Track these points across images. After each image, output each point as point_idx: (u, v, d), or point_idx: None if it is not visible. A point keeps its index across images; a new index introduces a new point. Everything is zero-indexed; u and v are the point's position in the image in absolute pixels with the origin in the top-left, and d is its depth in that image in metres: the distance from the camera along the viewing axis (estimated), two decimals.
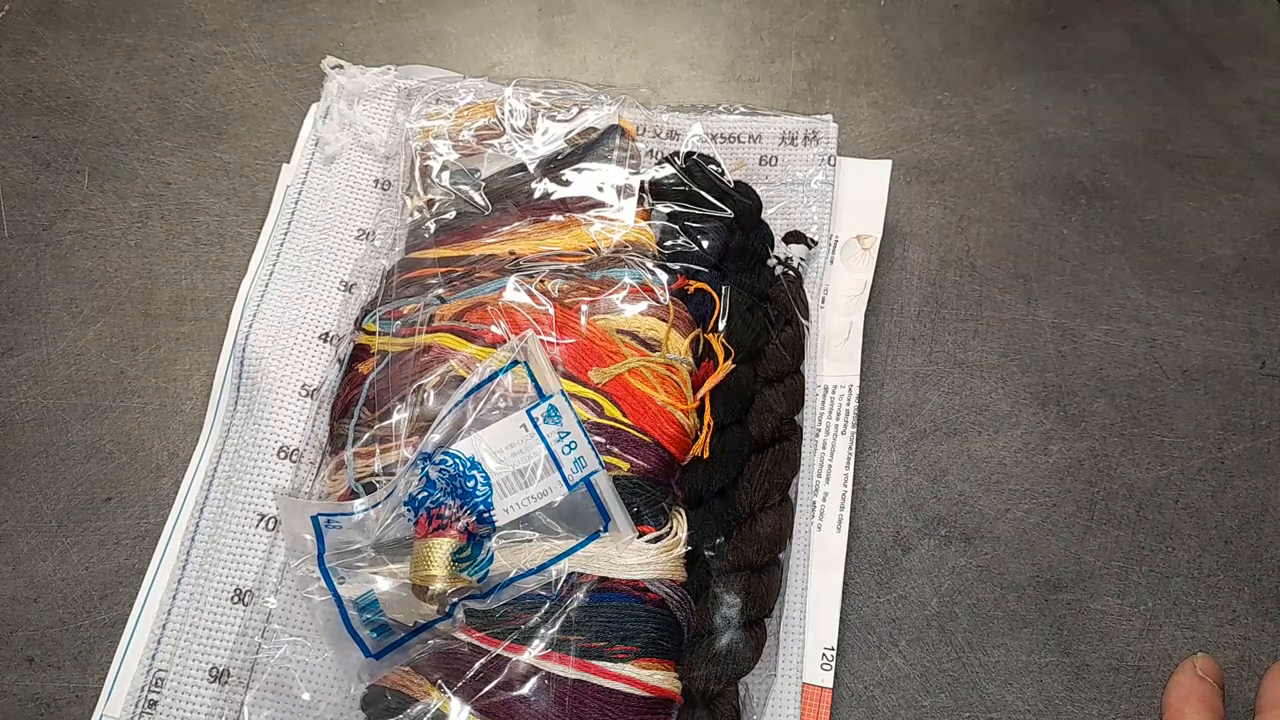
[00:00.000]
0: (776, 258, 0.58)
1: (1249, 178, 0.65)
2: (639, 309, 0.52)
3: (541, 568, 0.46)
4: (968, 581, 0.53)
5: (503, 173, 0.59)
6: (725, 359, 0.53)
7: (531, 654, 0.44)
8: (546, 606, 0.45)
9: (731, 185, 0.58)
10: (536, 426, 0.48)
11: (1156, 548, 0.53)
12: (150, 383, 0.58)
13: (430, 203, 0.58)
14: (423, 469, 0.47)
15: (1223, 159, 0.66)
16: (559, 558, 0.46)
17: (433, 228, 0.57)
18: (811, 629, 0.50)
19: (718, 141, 0.62)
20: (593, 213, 0.57)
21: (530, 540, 0.47)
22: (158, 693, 0.48)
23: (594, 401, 0.50)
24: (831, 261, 0.60)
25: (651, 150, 0.61)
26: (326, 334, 0.56)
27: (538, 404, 0.48)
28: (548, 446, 0.47)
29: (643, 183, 0.58)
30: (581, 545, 0.47)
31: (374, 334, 0.53)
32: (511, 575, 0.46)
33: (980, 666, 0.50)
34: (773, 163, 0.62)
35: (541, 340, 0.50)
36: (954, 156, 0.66)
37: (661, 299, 0.53)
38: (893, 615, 0.52)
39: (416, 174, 0.59)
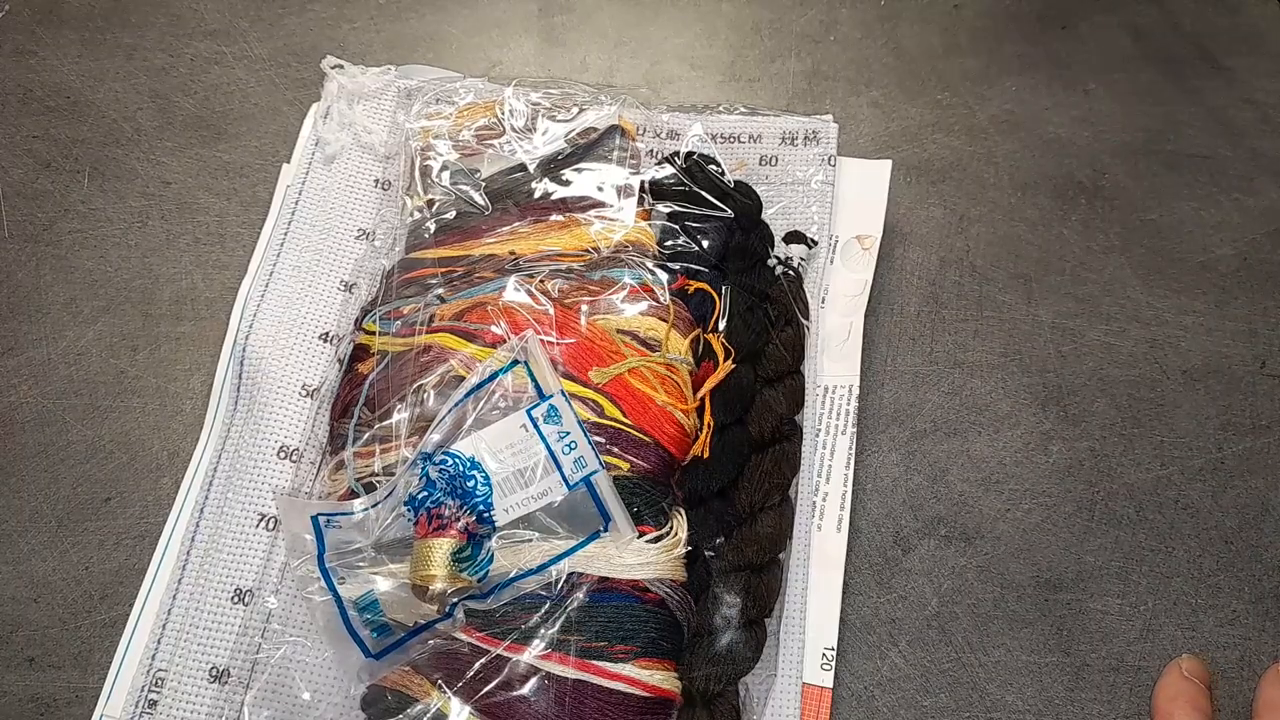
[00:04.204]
0: (776, 258, 0.58)
1: (1249, 178, 0.65)
2: (639, 309, 0.52)
3: (541, 568, 0.46)
4: (968, 581, 0.53)
5: (503, 173, 0.59)
6: (725, 359, 0.53)
7: (531, 654, 0.44)
8: (546, 606, 0.45)
9: (731, 185, 0.58)
10: (536, 426, 0.48)
11: (1156, 548, 0.53)
12: (150, 383, 0.58)
13: (430, 203, 0.58)
14: (423, 469, 0.47)
15: (1223, 159, 0.66)
16: (559, 558, 0.46)
17: (433, 228, 0.57)
18: (811, 629, 0.50)
19: (718, 141, 0.62)
20: (593, 213, 0.57)
21: (530, 540, 0.47)
22: (158, 693, 0.48)
23: (594, 401, 0.50)
24: (831, 261, 0.60)
25: (651, 150, 0.61)
26: (326, 334, 0.56)
27: (538, 404, 0.48)
28: (548, 446, 0.47)
29: (643, 183, 0.58)
30: (581, 545, 0.47)
31: (374, 334, 0.53)
32: (511, 575, 0.46)
33: (980, 666, 0.50)
34: (773, 163, 0.62)
35: (541, 340, 0.50)
36: (954, 156, 0.66)
37: (661, 299, 0.53)
38: (893, 615, 0.52)
39: (416, 174, 0.59)
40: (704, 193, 0.58)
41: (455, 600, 0.45)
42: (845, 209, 0.61)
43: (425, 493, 0.46)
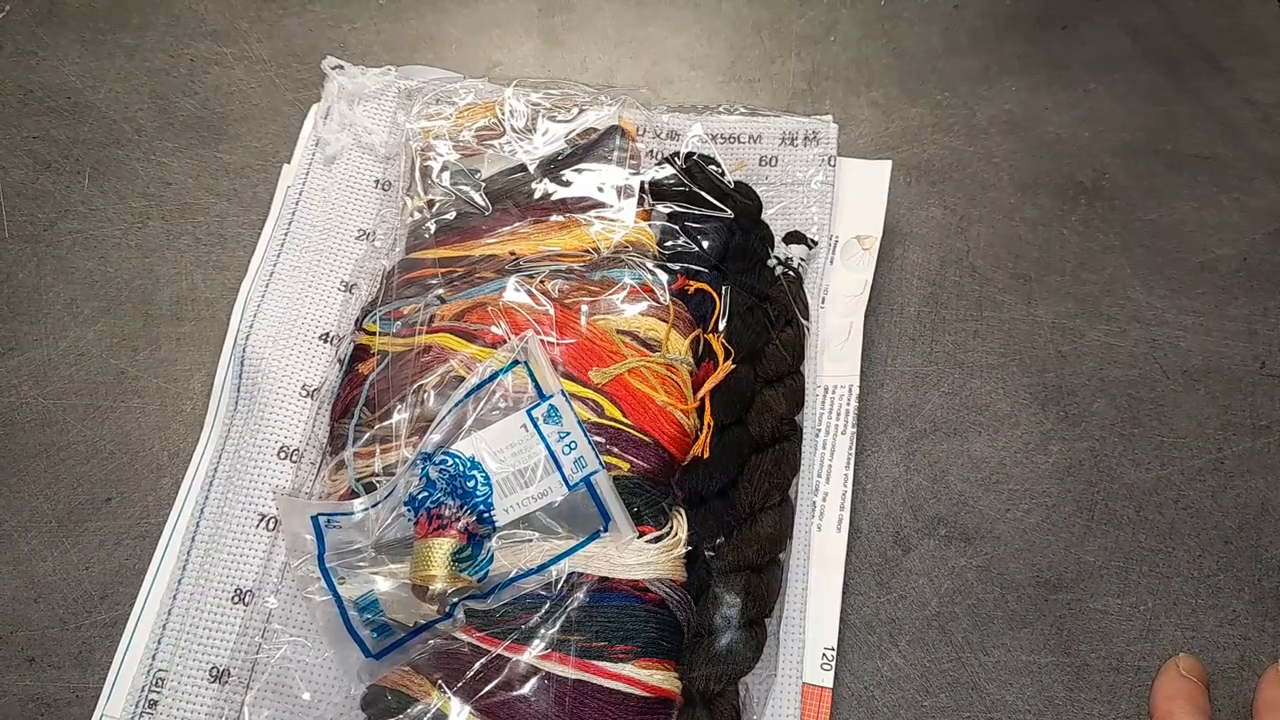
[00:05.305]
0: (776, 258, 0.58)
1: (1249, 178, 0.65)
2: (639, 309, 0.52)
3: (541, 568, 0.46)
4: (968, 581, 0.53)
5: (503, 173, 0.59)
6: (725, 359, 0.53)
7: (531, 654, 0.44)
8: (546, 606, 0.45)
9: (731, 185, 0.58)
10: (536, 426, 0.48)
11: (1156, 548, 0.53)
12: (151, 383, 0.58)
13: (430, 203, 0.58)
14: (423, 469, 0.47)
15: (1223, 159, 0.66)
16: (559, 558, 0.46)
17: (433, 228, 0.57)
18: (811, 629, 0.50)
19: (718, 142, 0.62)
20: (593, 213, 0.57)
21: (530, 540, 0.47)
22: (158, 693, 0.48)
23: (594, 401, 0.50)
24: (831, 261, 0.60)
25: (651, 150, 0.61)
26: (327, 334, 0.56)
27: (538, 404, 0.48)
28: (548, 446, 0.47)
29: (643, 183, 0.58)
30: (581, 545, 0.47)
31: (374, 334, 0.53)
32: (512, 575, 0.46)
33: (980, 666, 0.50)
34: (773, 163, 0.62)
35: (542, 340, 0.50)
36: (954, 156, 0.66)
37: (661, 299, 0.53)
38: (893, 615, 0.52)
39: (417, 174, 0.59)
40: (704, 193, 0.58)
41: (455, 600, 0.45)
42: (845, 209, 0.61)
43: (425, 493, 0.46)
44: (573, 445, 0.47)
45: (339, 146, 0.62)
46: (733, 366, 0.53)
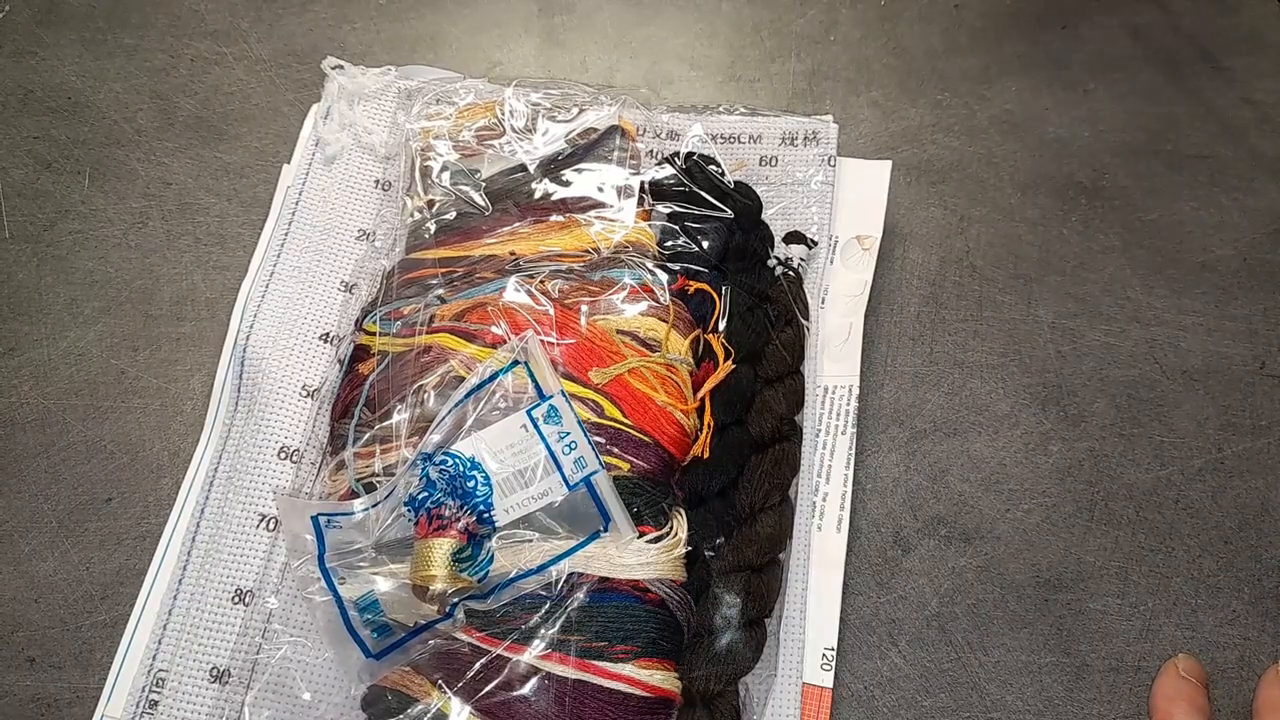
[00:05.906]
0: (776, 258, 0.58)
1: (1249, 178, 0.65)
2: (639, 309, 0.52)
3: (542, 568, 0.46)
4: (968, 581, 0.53)
5: (503, 173, 0.59)
6: (725, 359, 0.53)
7: (531, 654, 0.44)
8: (547, 606, 0.45)
9: (731, 185, 0.58)
10: (536, 426, 0.48)
11: (1156, 548, 0.53)
12: (151, 383, 0.58)
13: (430, 203, 0.58)
14: (423, 469, 0.47)
15: (1223, 159, 0.66)
16: (559, 558, 0.46)
17: (433, 228, 0.57)
18: (811, 629, 0.50)
19: (718, 142, 0.62)
20: (593, 213, 0.57)
21: (530, 540, 0.47)
22: (159, 693, 0.48)
23: (594, 401, 0.50)
24: (831, 262, 0.60)
25: (651, 150, 0.61)
26: (327, 334, 0.56)
27: (538, 404, 0.48)
28: (548, 446, 0.47)
29: (643, 183, 0.58)
30: (581, 545, 0.47)
31: (374, 334, 0.53)
32: (512, 575, 0.46)
33: (980, 666, 0.51)
34: (773, 163, 0.62)
35: (542, 340, 0.50)
36: (954, 156, 0.66)
37: (661, 299, 0.53)
38: (893, 615, 0.52)
39: (417, 174, 0.59)
40: (704, 193, 0.58)
41: (455, 600, 0.45)
42: (845, 209, 0.61)
43: (425, 493, 0.46)
44: (573, 445, 0.47)
45: (339, 146, 0.62)
46: (733, 366, 0.53)
